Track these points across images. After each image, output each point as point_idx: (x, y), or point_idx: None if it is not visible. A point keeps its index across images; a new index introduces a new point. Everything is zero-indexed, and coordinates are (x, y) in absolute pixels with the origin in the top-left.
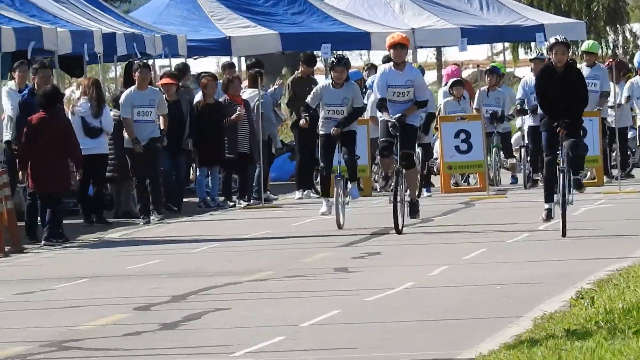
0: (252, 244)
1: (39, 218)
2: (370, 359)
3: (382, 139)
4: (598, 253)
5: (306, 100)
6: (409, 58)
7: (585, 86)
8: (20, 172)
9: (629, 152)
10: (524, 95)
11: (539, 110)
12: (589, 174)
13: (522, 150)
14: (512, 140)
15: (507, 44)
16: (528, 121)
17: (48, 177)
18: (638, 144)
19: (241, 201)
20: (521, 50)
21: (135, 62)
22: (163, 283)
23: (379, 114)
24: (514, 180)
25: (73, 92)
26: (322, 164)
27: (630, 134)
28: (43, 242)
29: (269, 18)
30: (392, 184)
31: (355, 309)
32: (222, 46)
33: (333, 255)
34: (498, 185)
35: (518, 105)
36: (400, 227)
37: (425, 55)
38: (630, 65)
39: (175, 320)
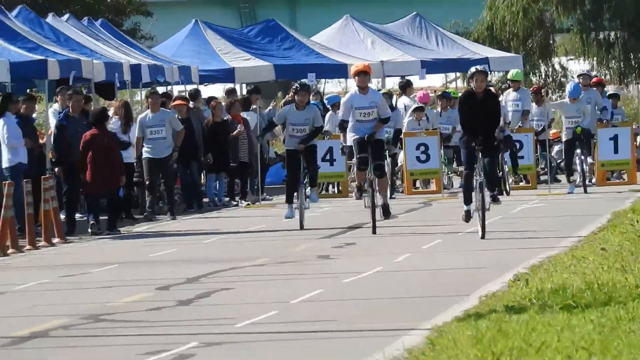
0: (251, 236)
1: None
2: (348, 329)
3: (358, 155)
4: (531, 244)
5: (272, 118)
6: (381, 85)
7: (499, 109)
8: (80, 175)
9: (553, 163)
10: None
11: (458, 127)
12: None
13: None
14: None
15: (458, 74)
16: (563, 137)
17: (101, 180)
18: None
19: (242, 201)
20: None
21: (149, 89)
22: (179, 268)
23: (341, 134)
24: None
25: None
26: (287, 174)
27: (557, 147)
28: (90, 232)
29: (265, 52)
30: (368, 195)
31: (336, 288)
32: (227, 75)
33: (317, 245)
34: (450, 189)
35: None
36: (375, 229)
37: (392, 83)
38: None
39: (190, 298)
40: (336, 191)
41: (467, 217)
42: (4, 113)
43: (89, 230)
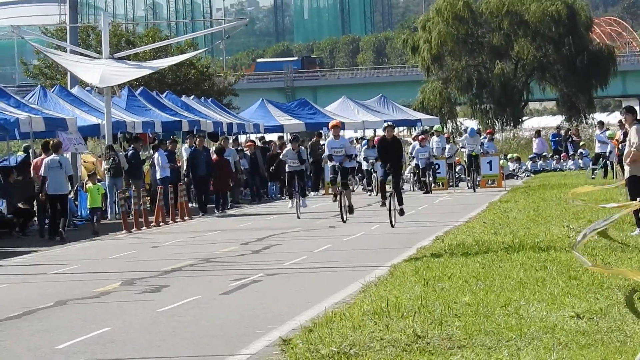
0: (291, 216)
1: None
2: (347, 265)
3: (330, 176)
4: (444, 218)
5: (280, 156)
6: (363, 133)
7: (402, 148)
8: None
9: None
10: (412, 151)
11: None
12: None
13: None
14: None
15: (404, 127)
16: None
17: (222, 184)
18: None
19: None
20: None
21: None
22: (253, 233)
23: (328, 161)
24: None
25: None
26: (287, 186)
27: (458, 167)
28: (201, 214)
29: (299, 116)
30: (338, 198)
31: (340, 243)
32: (279, 129)
33: (328, 221)
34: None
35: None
36: (345, 219)
37: (369, 133)
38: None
39: (259, 249)
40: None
41: (383, 204)
42: (158, 149)
43: (216, 211)
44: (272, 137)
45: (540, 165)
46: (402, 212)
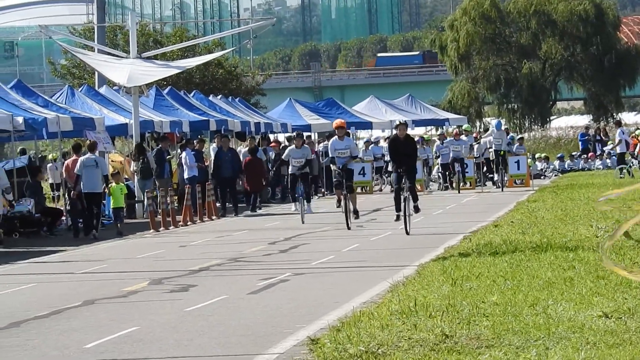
0: (319, 215)
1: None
2: (374, 265)
3: (335, 180)
4: (472, 218)
5: (282, 156)
6: (390, 133)
7: (416, 147)
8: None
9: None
10: (436, 149)
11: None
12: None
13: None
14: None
15: (432, 127)
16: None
17: (255, 183)
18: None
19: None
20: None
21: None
22: (281, 232)
23: (330, 165)
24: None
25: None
26: (290, 189)
27: (485, 167)
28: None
29: (327, 115)
30: (342, 203)
31: (367, 243)
32: (306, 128)
33: (356, 221)
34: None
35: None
36: (349, 225)
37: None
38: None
39: (286, 248)
40: (364, 191)
41: (398, 218)
42: (186, 148)
43: (250, 211)
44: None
45: (568, 164)
46: (417, 209)
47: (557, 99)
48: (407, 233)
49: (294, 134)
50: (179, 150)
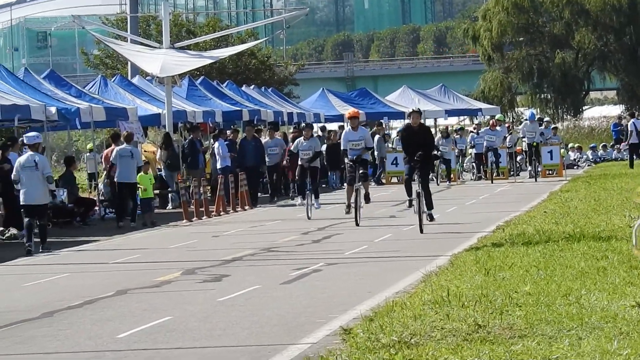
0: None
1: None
2: (406, 255)
3: (348, 175)
4: (505, 208)
5: (291, 148)
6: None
7: (432, 137)
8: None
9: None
10: (471, 139)
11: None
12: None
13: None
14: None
15: (464, 116)
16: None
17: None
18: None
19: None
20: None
21: (295, 125)
22: (313, 223)
23: (344, 159)
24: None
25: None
26: (298, 182)
27: (519, 157)
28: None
29: (360, 105)
30: (353, 206)
31: (400, 233)
32: (339, 118)
33: (388, 210)
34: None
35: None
36: (358, 221)
37: (429, 122)
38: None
39: (319, 239)
40: (398, 180)
41: (410, 204)
42: (219, 139)
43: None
44: (333, 126)
45: (601, 155)
46: (431, 218)
47: (590, 89)
48: (421, 232)
49: (303, 124)
50: (211, 141)
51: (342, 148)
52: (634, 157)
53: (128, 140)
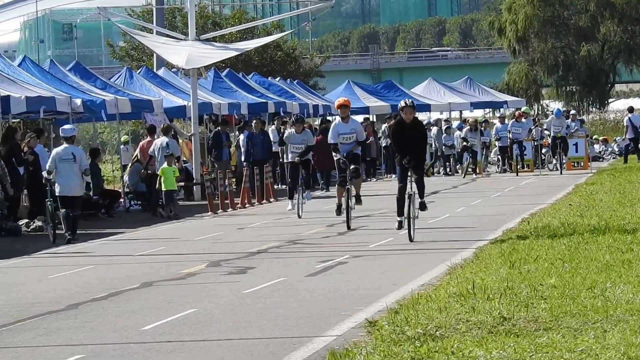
0: (374, 199)
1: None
2: (430, 248)
3: (339, 175)
4: (532, 200)
5: (284, 139)
6: (448, 115)
7: (426, 134)
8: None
9: (543, 158)
10: (495, 132)
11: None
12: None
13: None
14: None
15: (489, 109)
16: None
17: (326, 163)
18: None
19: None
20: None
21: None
22: (341, 216)
23: (333, 153)
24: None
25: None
26: (289, 180)
27: (544, 150)
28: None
29: (385, 98)
30: (344, 206)
31: (425, 225)
32: (365, 110)
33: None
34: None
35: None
36: (350, 225)
37: (454, 114)
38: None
39: (344, 231)
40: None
41: (400, 225)
42: (244, 131)
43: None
44: (358, 118)
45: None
46: (423, 207)
47: (616, 81)
48: (411, 240)
49: (293, 117)
50: (237, 133)
51: (332, 142)
52: (629, 151)
53: (166, 133)
